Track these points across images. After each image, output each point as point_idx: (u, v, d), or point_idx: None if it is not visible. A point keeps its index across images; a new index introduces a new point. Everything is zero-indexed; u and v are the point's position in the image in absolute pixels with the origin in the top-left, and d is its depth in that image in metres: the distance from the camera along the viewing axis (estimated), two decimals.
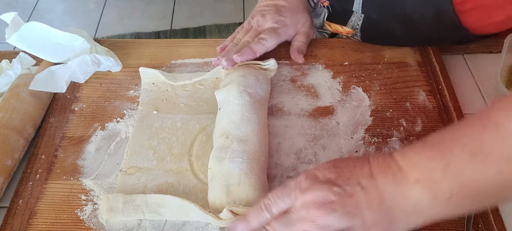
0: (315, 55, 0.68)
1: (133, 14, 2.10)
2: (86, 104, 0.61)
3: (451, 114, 0.58)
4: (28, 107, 0.58)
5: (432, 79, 0.63)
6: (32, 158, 0.55)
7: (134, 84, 0.64)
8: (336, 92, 0.62)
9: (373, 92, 0.62)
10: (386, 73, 0.65)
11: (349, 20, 0.68)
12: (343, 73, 0.65)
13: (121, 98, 0.62)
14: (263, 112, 0.56)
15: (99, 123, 0.58)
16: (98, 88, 0.63)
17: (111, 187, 0.51)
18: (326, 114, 0.59)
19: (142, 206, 0.48)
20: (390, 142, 0.56)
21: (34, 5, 2.15)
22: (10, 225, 0.48)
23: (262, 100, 0.57)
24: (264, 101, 0.58)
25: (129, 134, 0.57)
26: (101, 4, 2.17)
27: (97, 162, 0.54)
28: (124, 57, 0.67)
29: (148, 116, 0.59)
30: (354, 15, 0.67)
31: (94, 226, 0.48)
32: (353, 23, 0.68)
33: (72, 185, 0.52)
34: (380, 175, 0.38)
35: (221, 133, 0.52)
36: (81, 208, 0.50)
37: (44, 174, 0.53)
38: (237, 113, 0.52)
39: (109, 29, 2.01)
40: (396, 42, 0.68)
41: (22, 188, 0.52)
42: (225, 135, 0.51)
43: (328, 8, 0.71)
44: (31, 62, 0.66)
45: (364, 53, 0.68)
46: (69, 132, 0.58)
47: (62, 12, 2.13)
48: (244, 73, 0.58)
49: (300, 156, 0.54)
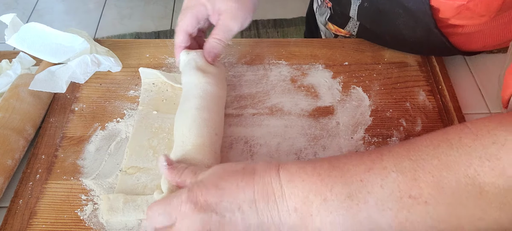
0: (315, 55, 0.68)
1: (133, 14, 2.10)
2: (86, 104, 0.61)
3: (451, 114, 0.58)
4: (28, 107, 0.58)
5: (432, 79, 0.64)
6: (32, 158, 0.55)
7: (134, 84, 0.64)
8: (336, 92, 0.62)
9: (373, 92, 0.62)
10: (386, 73, 0.65)
11: (347, 25, 0.70)
12: (343, 73, 0.65)
13: (121, 98, 0.62)
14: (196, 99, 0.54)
15: (99, 123, 0.59)
16: (98, 88, 0.63)
17: (111, 187, 0.51)
18: (326, 115, 0.59)
19: (143, 206, 0.48)
20: (390, 142, 0.56)
21: (34, 5, 2.15)
22: (10, 225, 0.49)
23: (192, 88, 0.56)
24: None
25: (129, 134, 0.57)
26: (101, 4, 2.17)
27: (97, 162, 0.54)
28: (124, 57, 0.67)
29: (148, 116, 0.59)
30: (351, 21, 0.69)
31: (95, 226, 0.48)
32: (350, 28, 0.70)
33: (72, 185, 0.52)
34: (261, 200, 0.38)
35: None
36: (81, 208, 0.50)
37: (44, 174, 0.53)
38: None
39: (109, 29, 2.02)
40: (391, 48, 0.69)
41: (22, 188, 0.52)
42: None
43: (331, 9, 0.72)
44: (31, 62, 0.66)
45: (364, 53, 0.68)
46: (69, 132, 0.58)
47: (62, 12, 2.13)
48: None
49: (300, 156, 0.54)
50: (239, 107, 0.60)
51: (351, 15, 0.67)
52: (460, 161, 0.34)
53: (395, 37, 0.65)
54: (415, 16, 0.59)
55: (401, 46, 0.67)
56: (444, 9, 0.56)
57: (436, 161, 0.34)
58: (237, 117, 0.59)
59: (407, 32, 0.62)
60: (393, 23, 0.62)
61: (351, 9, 0.66)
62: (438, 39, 0.61)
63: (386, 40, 0.67)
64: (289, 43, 0.70)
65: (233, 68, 0.66)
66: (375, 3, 0.62)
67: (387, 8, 0.61)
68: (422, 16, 0.58)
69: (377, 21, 0.65)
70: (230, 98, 0.61)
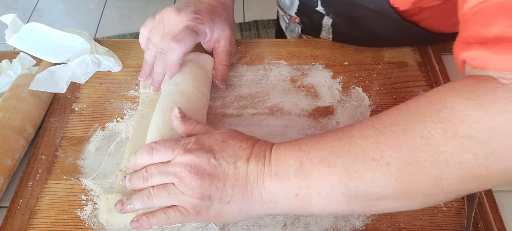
0: (315, 55, 0.68)
1: (133, 14, 2.10)
2: (86, 105, 0.61)
3: None
4: (29, 108, 0.58)
5: (432, 79, 0.64)
6: (32, 158, 0.55)
7: (134, 85, 0.64)
8: (336, 92, 0.62)
9: (373, 93, 0.62)
10: (386, 74, 0.65)
11: (320, 33, 0.72)
12: (343, 73, 0.65)
13: (121, 99, 0.62)
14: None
15: (99, 123, 0.59)
16: (98, 89, 0.63)
17: (111, 187, 0.51)
18: (326, 115, 0.59)
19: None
20: None
21: (34, 5, 2.15)
22: (10, 225, 0.49)
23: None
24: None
25: (129, 134, 0.57)
26: (101, 4, 2.17)
27: (97, 162, 0.54)
28: (124, 57, 0.67)
29: (148, 116, 0.59)
30: (324, 29, 0.71)
31: (94, 226, 0.48)
32: (324, 35, 0.72)
33: (72, 185, 0.52)
34: (253, 161, 0.42)
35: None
36: (81, 208, 0.50)
37: (44, 174, 0.53)
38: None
39: (109, 29, 2.02)
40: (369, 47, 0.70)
41: (22, 188, 0.52)
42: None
43: (300, 24, 0.75)
44: (31, 62, 0.66)
45: (364, 53, 0.68)
46: (69, 132, 0.58)
47: (62, 13, 2.13)
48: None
49: None
50: (239, 107, 0.60)
51: (324, 24, 0.70)
52: (416, 126, 0.37)
53: (371, 36, 0.67)
54: (381, 14, 0.61)
55: (379, 44, 0.69)
56: (401, 3, 0.58)
57: (395, 127, 0.38)
58: (237, 116, 0.59)
59: (380, 29, 0.65)
60: (364, 25, 0.65)
61: (324, 21, 0.69)
62: (411, 28, 0.63)
63: (363, 40, 0.68)
64: (289, 43, 0.70)
65: (233, 68, 0.66)
66: (344, 12, 0.65)
67: (356, 14, 0.64)
68: (388, 13, 0.60)
69: (350, 25, 0.67)
70: (230, 98, 0.62)
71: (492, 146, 0.34)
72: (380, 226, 0.48)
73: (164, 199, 0.43)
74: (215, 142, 0.44)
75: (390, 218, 0.49)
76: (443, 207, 0.50)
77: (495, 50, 0.36)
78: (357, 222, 0.49)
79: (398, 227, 0.48)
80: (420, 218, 0.49)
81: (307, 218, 0.49)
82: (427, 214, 0.49)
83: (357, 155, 0.38)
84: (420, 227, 0.48)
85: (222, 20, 0.62)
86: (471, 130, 0.35)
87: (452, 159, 0.35)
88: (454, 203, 0.50)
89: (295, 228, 0.48)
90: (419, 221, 0.49)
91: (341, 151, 0.39)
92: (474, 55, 0.38)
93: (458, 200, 0.51)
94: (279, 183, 0.41)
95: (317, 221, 0.49)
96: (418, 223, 0.49)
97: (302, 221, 0.49)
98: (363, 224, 0.49)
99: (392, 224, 0.49)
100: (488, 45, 0.36)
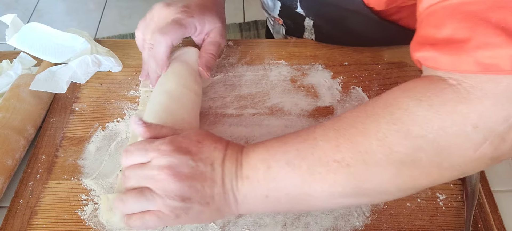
0: (315, 55, 0.68)
1: (133, 14, 2.11)
2: (86, 105, 0.61)
3: None
4: (29, 108, 0.58)
5: None
6: (33, 158, 0.55)
7: (135, 85, 0.64)
8: (336, 92, 0.62)
9: (373, 93, 0.62)
10: (386, 74, 0.65)
11: (304, 34, 0.73)
12: (343, 73, 0.65)
13: (122, 99, 0.62)
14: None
15: (100, 123, 0.59)
16: (98, 89, 0.63)
17: (111, 187, 0.52)
18: (326, 115, 0.59)
19: None
20: None
21: (34, 5, 2.15)
22: (10, 225, 0.49)
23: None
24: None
25: (129, 134, 0.57)
26: (102, 4, 2.17)
27: (98, 162, 0.54)
28: (124, 57, 0.67)
29: None
30: (306, 30, 0.72)
31: (95, 226, 0.48)
32: (307, 36, 0.73)
33: (73, 184, 0.52)
34: (228, 163, 0.43)
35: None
36: (81, 207, 0.50)
37: (44, 173, 0.53)
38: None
39: (109, 30, 2.02)
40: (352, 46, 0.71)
41: (22, 187, 0.52)
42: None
43: (284, 25, 0.76)
44: (31, 62, 0.66)
45: (363, 53, 0.68)
46: (69, 131, 0.58)
47: (62, 13, 2.13)
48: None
49: None
50: (239, 107, 0.60)
51: (306, 25, 0.71)
52: (372, 127, 0.39)
53: (352, 35, 0.67)
54: (360, 14, 0.62)
55: (360, 42, 0.69)
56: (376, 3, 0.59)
57: (353, 130, 0.40)
58: (237, 116, 0.59)
59: (360, 29, 0.65)
60: (344, 25, 0.66)
61: (306, 22, 0.70)
62: (390, 27, 0.64)
63: (345, 40, 0.69)
64: (289, 43, 0.70)
65: (233, 68, 0.66)
66: (323, 14, 0.66)
67: (335, 15, 0.65)
68: (366, 13, 0.61)
69: (331, 26, 0.67)
70: (230, 98, 0.62)
71: (442, 145, 0.36)
72: (380, 226, 0.49)
73: (141, 204, 0.42)
74: (191, 142, 0.43)
75: (390, 218, 0.49)
76: (443, 207, 0.50)
77: (444, 51, 0.37)
78: (357, 222, 0.49)
79: (398, 227, 0.49)
80: (420, 218, 0.49)
81: (307, 218, 0.49)
82: (427, 214, 0.49)
83: (320, 158, 0.40)
84: (420, 227, 0.49)
85: (213, 14, 0.61)
86: (422, 130, 0.37)
87: (406, 158, 0.37)
88: (454, 203, 0.50)
89: (295, 228, 0.48)
90: (419, 221, 0.49)
91: (305, 153, 0.41)
92: (426, 55, 0.39)
93: (458, 200, 0.51)
94: (250, 186, 0.42)
95: (317, 221, 0.49)
96: (418, 223, 0.49)
97: (302, 221, 0.49)
98: (363, 224, 0.49)
99: (392, 224, 0.49)
100: (439, 46, 0.38)
